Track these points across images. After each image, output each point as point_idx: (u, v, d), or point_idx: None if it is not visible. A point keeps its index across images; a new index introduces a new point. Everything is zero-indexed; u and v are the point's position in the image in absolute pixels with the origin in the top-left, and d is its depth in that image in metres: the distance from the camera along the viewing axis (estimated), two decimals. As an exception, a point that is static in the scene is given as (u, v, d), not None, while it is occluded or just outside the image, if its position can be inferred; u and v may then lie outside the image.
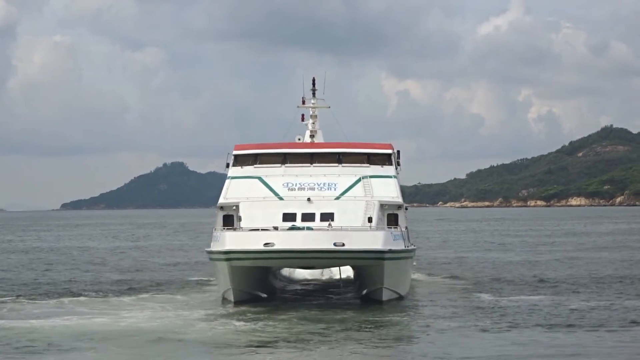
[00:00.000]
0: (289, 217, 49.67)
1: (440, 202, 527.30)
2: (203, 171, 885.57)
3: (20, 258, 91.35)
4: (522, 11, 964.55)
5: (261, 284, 50.92)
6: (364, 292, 50.24)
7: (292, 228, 48.17)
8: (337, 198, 51.40)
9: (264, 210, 50.32)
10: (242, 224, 48.95)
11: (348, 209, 50.18)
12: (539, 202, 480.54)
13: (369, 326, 40.78)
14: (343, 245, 45.53)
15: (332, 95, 58.04)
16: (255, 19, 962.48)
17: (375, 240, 46.54)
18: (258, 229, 47.63)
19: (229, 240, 46.98)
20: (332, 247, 45.54)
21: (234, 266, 47.06)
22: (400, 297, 49.71)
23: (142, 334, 39.00)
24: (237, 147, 55.96)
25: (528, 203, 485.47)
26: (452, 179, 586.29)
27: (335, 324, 41.19)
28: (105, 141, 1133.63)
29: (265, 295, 50.32)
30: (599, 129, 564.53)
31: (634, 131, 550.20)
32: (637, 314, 43.63)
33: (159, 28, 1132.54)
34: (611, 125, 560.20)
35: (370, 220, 49.27)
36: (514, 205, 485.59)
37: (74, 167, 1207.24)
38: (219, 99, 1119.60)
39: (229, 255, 46.63)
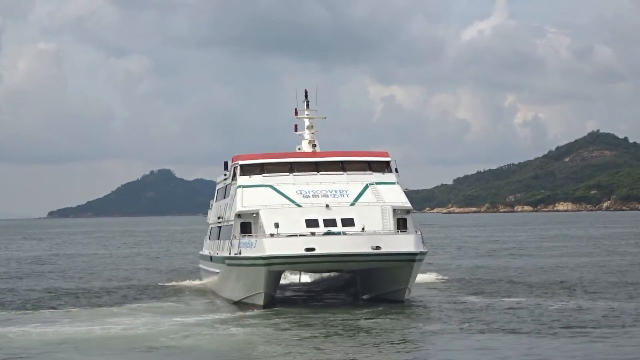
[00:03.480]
0: (311, 223, 51.42)
1: (427, 208, 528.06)
2: (190, 178, 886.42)
3: (1, 269, 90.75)
4: (506, 16, 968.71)
5: (276, 287, 53.23)
6: (371, 294, 52.37)
7: (328, 233, 50.26)
8: (352, 204, 53.22)
9: (285, 217, 51.69)
10: (280, 230, 50.37)
11: (365, 214, 52.09)
12: (526, 208, 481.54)
13: (367, 329, 41.18)
14: (379, 248, 48.58)
15: (316, 102, 59.12)
16: (238, 25, 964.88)
17: (408, 243, 49.86)
18: (296, 235, 49.76)
19: (269, 246, 48.78)
20: (370, 250, 48.57)
21: (271, 271, 49.16)
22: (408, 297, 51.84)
23: (138, 341, 38.98)
24: (237, 158, 57.27)
25: (515, 208, 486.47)
26: (439, 184, 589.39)
27: (335, 328, 41.81)
28: (91, 149, 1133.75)
29: (275, 297, 52.76)
30: (586, 134, 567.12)
31: (621, 136, 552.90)
32: (631, 317, 44.15)
33: (142, 35, 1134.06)
34: (598, 131, 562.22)
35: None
36: (501, 210, 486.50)
37: (60, 175, 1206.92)
38: (204, 105, 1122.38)
39: (270, 261, 48.58)
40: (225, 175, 60.36)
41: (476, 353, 35.32)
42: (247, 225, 53.10)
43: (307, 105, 60.01)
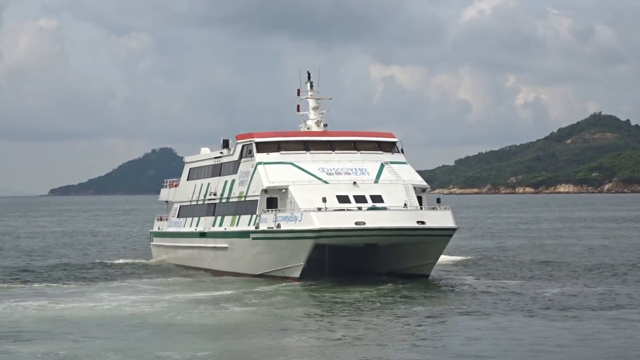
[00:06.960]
0: (343, 199, 52.68)
1: (429, 189, 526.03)
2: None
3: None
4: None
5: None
6: (395, 268, 53.09)
7: (372, 208, 51.68)
8: (376, 182, 54.54)
9: (316, 193, 52.52)
10: (327, 205, 51.06)
11: (391, 191, 53.68)
12: (527, 189, 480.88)
13: (378, 307, 41.72)
14: (424, 223, 50.51)
15: (318, 83, 59.98)
16: (237, 3, 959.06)
17: (447, 218, 52.05)
18: (343, 209, 51.05)
19: (317, 220, 49.76)
20: (416, 225, 50.42)
21: (317, 244, 50.13)
22: None
23: (143, 319, 39.29)
24: (247, 136, 57.73)
25: (516, 190, 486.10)
26: (441, 165, 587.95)
27: (349, 306, 42.56)
28: (92, 127, 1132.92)
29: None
30: (588, 116, 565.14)
31: (623, 118, 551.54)
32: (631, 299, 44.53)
33: (142, 13, 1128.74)
34: (599, 113, 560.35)
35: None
36: (503, 192, 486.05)
37: (61, 153, 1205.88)
38: (204, 84, 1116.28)
39: (320, 234, 49.62)
40: (221, 153, 60.70)
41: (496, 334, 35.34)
42: (274, 200, 53.69)
43: (311, 86, 60.68)
